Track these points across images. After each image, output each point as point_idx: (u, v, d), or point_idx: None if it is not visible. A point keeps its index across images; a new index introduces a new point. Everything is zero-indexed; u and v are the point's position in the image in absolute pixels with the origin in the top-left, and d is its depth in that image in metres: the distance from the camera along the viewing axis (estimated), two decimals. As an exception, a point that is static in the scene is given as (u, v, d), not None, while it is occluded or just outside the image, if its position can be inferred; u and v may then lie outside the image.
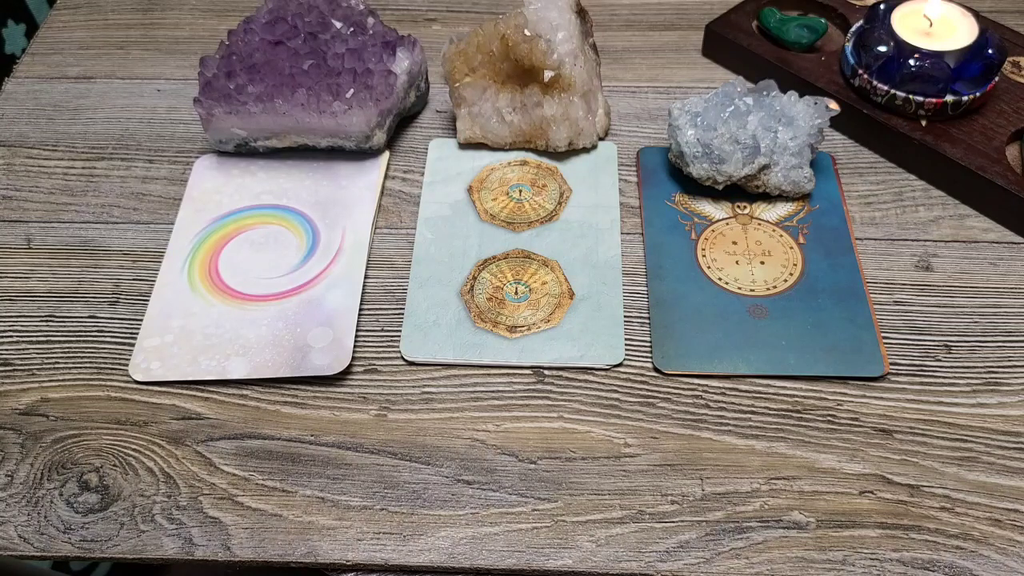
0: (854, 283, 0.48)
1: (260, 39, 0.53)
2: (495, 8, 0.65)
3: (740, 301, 0.47)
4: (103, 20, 0.65)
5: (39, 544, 0.39)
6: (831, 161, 0.54)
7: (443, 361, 0.45)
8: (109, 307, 0.48)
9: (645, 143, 0.55)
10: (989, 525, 0.39)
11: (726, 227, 0.50)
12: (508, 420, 0.43)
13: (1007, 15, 0.61)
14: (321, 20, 0.53)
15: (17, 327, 0.47)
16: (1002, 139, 0.52)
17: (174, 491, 0.41)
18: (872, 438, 0.42)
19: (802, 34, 0.58)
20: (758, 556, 0.39)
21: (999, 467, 0.41)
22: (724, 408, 0.43)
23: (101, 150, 0.56)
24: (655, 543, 0.39)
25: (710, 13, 0.61)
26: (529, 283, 0.48)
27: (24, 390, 0.45)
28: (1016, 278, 0.48)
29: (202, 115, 0.52)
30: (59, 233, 0.51)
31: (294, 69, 0.51)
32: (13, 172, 0.55)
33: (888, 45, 0.52)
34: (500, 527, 0.40)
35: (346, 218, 0.51)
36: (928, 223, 0.51)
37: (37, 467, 0.42)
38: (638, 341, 0.46)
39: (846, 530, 0.39)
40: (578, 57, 0.52)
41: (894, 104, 0.53)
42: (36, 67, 0.62)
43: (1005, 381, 0.44)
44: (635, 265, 0.49)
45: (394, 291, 0.48)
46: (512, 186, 0.53)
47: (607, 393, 0.44)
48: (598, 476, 0.41)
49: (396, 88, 0.53)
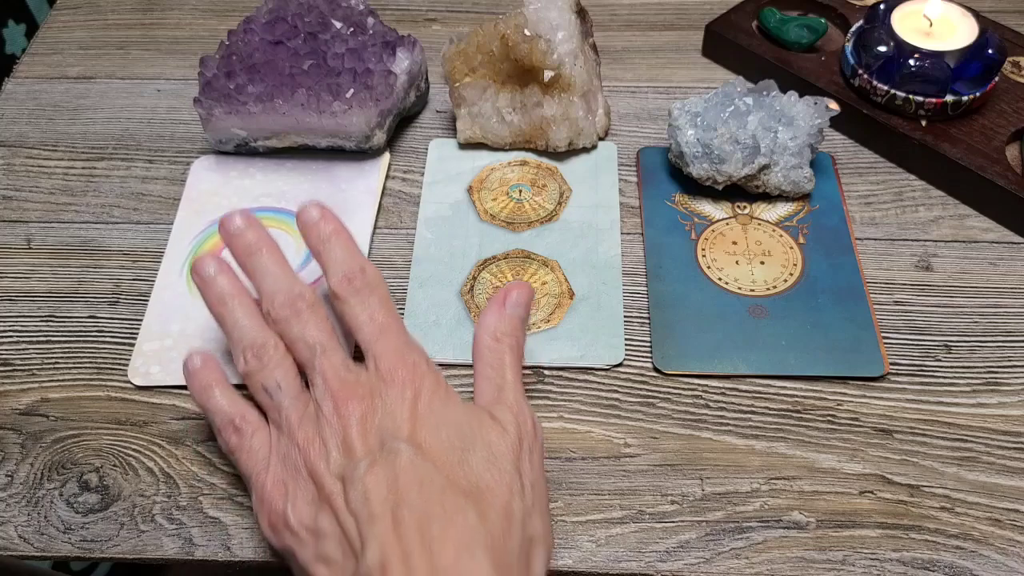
0: (854, 283, 0.48)
1: (260, 39, 0.53)
2: (495, 8, 0.65)
3: (740, 301, 0.47)
4: (103, 20, 0.65)
5: (39, 544, 0.39)
6: (831, 161, 0.54)
7: (443, 361, 0.45)
8: (109, 307, 0.48)
9: (645, 143, 0.55)
10: (989, 525, 0.39)
11: (726, 227, 0.50)
12: (508, 420, 0.43)
13: (1007, 15, 0.61)
14: (321, 20, 0.53)
15: (17, 327, 0.47)
16: (1002, 139, 0.52)
17: (174, 491, 0.41)
18: (872, 438, 0.42)
19: (802, 34, 0.58)
20: (758, 556, 0.39)
21: (999, 467, 0.41)
22: (724, 408, 0.43)
23: (101, 150, 0.56)
24: (655, 543, 0.39)
25: (710, 13, 0.61)
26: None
27: (24, 390, 0.45)
28: (1016, 278, 0.48)
29: (202, 115, 0.52)
30: (59, 233, 0.51)
31: (294, 69, 0.51)
32: (13, 172, 0.55)
33: (888, 45, 0.52)
34: (500, 527, 0.40)
35: (345, 221, 0.50)
36: (928, 223, 0.51)
37: (37, 467, 0.42)
38: (638, 341, 0.46)
39: (846, 530, 0.39)
40: (578, 57, 0.52)
41: (894, 104, 0.53)
42: (36, 67, 0.62)
43: (1005, 381, 0.44)
44: (635, 265, 0.49)
45: (394, 291, 0.48)
46: (512, 186, 0.53)
47: (607, 393, 0.44)
48: (598, 476, 0.41)
49: (396, 88, 0.53)
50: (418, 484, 0.33)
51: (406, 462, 0.34)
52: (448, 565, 0.31)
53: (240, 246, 0.42)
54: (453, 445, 0.35)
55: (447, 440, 0.35)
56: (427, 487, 0.33)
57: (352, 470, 0.34)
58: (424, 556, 0.31)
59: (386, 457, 0.34)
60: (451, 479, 0.34)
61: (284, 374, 0.38)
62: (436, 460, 0.34)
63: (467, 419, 0.37)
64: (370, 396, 0.36)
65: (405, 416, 0.36)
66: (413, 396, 0.36)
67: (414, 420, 0.36)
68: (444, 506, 0.33)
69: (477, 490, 0.34)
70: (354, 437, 0.35)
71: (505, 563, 0.32)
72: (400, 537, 0.32)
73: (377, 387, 0.37)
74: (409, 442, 0.35)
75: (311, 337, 0.39)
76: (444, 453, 0.35)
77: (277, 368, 0.39)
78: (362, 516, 0.33)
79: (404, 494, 0.33)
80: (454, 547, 0.32)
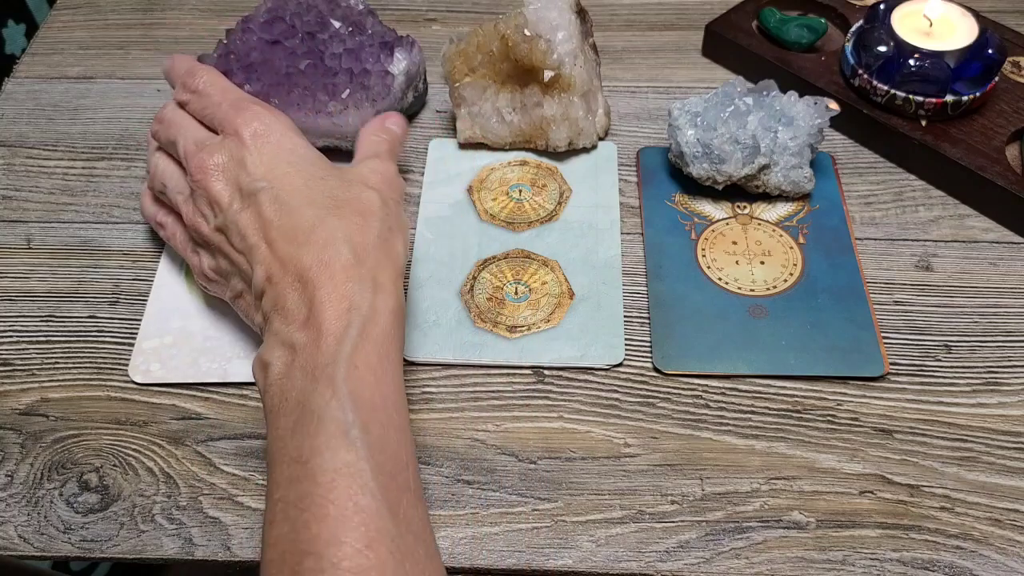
0: (854, 283, 0.48)
1: (258, 38, 0.53)
2: (495, 8, 0.65)
3: (740, 301, 0.47)
4: (103, 20, 0.65)
5: (39, 544, 0.39)
6: (831, 161, 0.54)
7: (443, 361, 0.45)
8: (109, 307, 0.48)
9: (645, 143, 0.55)
10: (989, 525, 0.39)
11: (726, 227, 0.50)
12: (508, 420, 0.43)
13: (1007, 15, 0.61)
14: (320, 20, 0.53)
15: (17, 327, 0.47)
16: (1002, 139, 0.52)
17: (174, 491, 0.41)
18: (872, 438, 0.42)
19: (802, 34, 0.58)
20: (758, 556, 0.39)
21: (999, 467, 0.41)
22: (724, 408, 0.43)
23: (101, 150, 0.56)
24: (655, 543, 0.39)
25: (710, 13, 0.61)
26: (529, 283, 0.48)
27: (24, 390, 0.45)
28: (1016, 278, 0.48)
29: (201, 115, 0.52)
30: (59, 233, 0.51)
31: (291, 69, 0.51)
32: (13, 172, 0.55)
33: (888, 45, 0.52)
34: (500, 527, 0.40)
35: None
36: (928, 223, 0.51)
37: (37, 467, 0.42)
38: (638, 341, 0.46)
39: (846, 530, 0.39)
40: (578, 57, 0.52)
41: (894, 104, 0.53)
42: (36, 67, 0.62)
43: (1005, 381, 0.44)
44: (635, 265, 0.49)
45: (394, 291, 0.48)
46: (512, 186, 0.53)
47: (607, 393, 0.44)
48: (598, 476, 0.41)
49: (393, 89, 0.53)
50: (279, 208, 0.39)
51: (266, 196, 0.39)
52: (314, 260, 0.37)
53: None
54: (309, 174, 0.40)
55: (301, 170, 0.41)
56: (288, 208, 0.39)
57: (224, 218, 0.40)
58: (295, 259, 0.37)
59: (249, 197, 0.40)
60: (309, 200, 0.39)
61: (162, 172, 0.45)
62: (292, 188, 0.40)
63: (321, 156, 0.42)
64: (220, 152, 0.41)
65: (256, 159, 0.41)
66: (255, 138, 0.41)
67: (264, 158, 0.41)
68: (305, 219, 0.38)
69: (335, 202, 0.39)
70: (217, 192, 0.41)
71: (363, 248, 0.38)
72: (275, 251, 0.38)
73: (225, 144, 0.42)
74: (266, 178, 0.40)
75: (171, 134, 0.44)
76: (298, 182, 0.40)
77: (158, 171, 0.45)
78: (245, 249, 0.39)
79: (270, 219, 0.38)
80: (316, 246, 0.37)
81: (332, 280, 0.36)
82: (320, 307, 0.36)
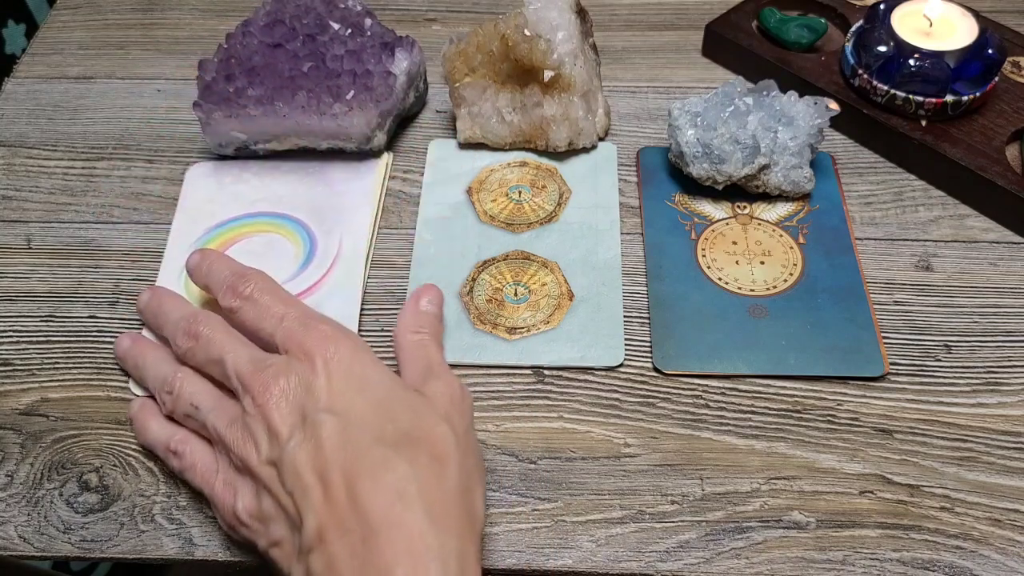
0: (854, 283, 0.48)
1: (259, 42, 0.53)
2: (495, 8, 0.65)
3: (740, 301, 0.47)
4: (103, 20, 0.65)
5: (39, 544, 0.39)
6: (831, 161, 0.54)
7: (443, 361, 0.45)
8: (109, 307, 0.48)
9: (645, 143, 0.55)
10: (989, 525, 0.39)
11: (726, 227, 0.50)
12: (508, 420, 0.43)
13: (1007, 15, 0.61)
14: (319, 22, 0.53)
15: (17, 327, 0.47)
16: (1002, 139, 0.52)
17: (174, 491, 0.41)
18: (872, 438, 0.42)
19: (802, 34, 0.58)
20: (758, 556, 0.39)
21: (999, 467, 0.41)
22: (724, 408, 0.43)
23: (101, 150, 0.56)
24: (655, 543, 0.39)
25: (710, 13, 0.61)
26: (529, 284, 0.48)
27: (24, 390, 0.45)
28: (1016, 278, 0.48)
29: (201, 119, 0.51)
30: (59, 233, 0.51)
31: (294, 71, 0.51)
32: (13, 172, 0.55)
33: (888, 45, 0.52)
34: (500, 527, 0.40)
35: (343, 224, 0.50)
36: (928, 223, 0.51)
37: (37, 467, 0.42)
38: (638, 341, 0.46)
39: (846, 530, 0.39)
40: (578, 57, 0.52)
41: (894, 104, 0.53)
42: (36, 67, 0.62)
43: (1005, 381, 0.44)
44: (635, 265, 0.49)
45: (394, 291, 0.48)
46: (512, 187, 0.53)
47: (607, 393, 0.44)
48: (598, 476, 0.41)
49: (396, 89, 0.53)
50: (342, 447, 0.34)
51: (329, 430, 0.34)
52: (380, 518, 0.32)
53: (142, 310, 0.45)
54: (379, 403, 0.36)
55: (371, 399, 0.36)
56: (352, 447, 0.34)
57: (281, 452, 0.35)
58: (355, 513, 0.32)
59: (309, 430, 0.35)
60: (377, 436, 0.34)
61: (195, 392, 0.39)
62: (360, 421, 0.35)
63: (392, 379, 0.37)
64: (284, 376, 0.36)
65: (322, 385, 0.36)
66: (326, 363, 0.37)
67: (331, 387, 0.36)
68: (371, 460, 0.33)
69: (407, 439, 0.34)
70: (277, 421, 0.35)
71: (441, 506, 0.33)
72: (331, 500, 0.33)
73: (289, 366, 0.37)
74: (329, 410, 0.35)
75: (215, 352, 0.39)
76: (368, 413, 0.35)
77: (186, 391, 0.40)
78: (296, 491, 0.34)
79: (330, 459, 0.33)
80: (384, 499, 0.32)
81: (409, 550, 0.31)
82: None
